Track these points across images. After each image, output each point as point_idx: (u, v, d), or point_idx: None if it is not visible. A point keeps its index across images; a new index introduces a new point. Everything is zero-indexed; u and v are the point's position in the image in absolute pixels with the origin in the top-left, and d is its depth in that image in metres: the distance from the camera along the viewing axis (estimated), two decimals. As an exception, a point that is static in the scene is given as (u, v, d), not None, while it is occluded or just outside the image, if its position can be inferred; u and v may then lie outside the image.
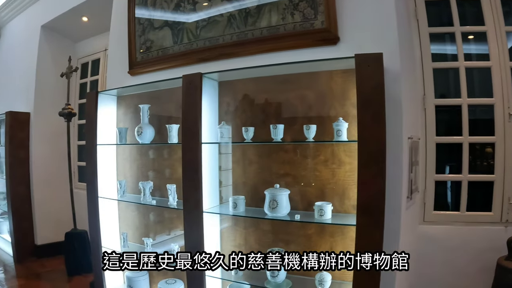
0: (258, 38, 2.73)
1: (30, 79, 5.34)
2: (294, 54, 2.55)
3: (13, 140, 5.10)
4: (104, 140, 3.28)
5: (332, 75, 2.38)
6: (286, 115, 2.56)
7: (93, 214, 3.29)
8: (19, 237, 5.12)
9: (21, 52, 5.78)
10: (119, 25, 3.74)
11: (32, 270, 4.79)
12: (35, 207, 5.23)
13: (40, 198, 5.24)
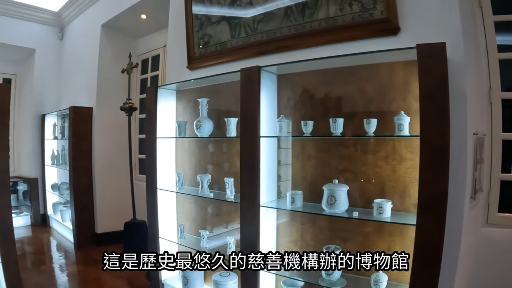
0: (316, 30, 2.74)
1: (92, 76, 5.76)
2: (353, 46, 2.53)
3: (76, 133, 5.54)
4: (163, 134, 3.47)
5: (393, 67, 2.35)
6: (345, 109, 2.56)
7: (152, 205, 3.50)
8: (80, 225, 5.55)
9: (83, 50, 6.24)
10: (177, 22, 3.92)
11: (91, 257, 5.18)
12: (96, 197, 5.65)
13: (101, 189, 5.66)
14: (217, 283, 3.03)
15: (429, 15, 2.29)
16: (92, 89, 5.73)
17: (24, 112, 7.38)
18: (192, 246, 3.27)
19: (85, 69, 6.09)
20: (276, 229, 2.87)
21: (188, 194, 3.36)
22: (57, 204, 6.57)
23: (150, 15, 5.18)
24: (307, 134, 2.53)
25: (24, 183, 7.27)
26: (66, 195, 5.98)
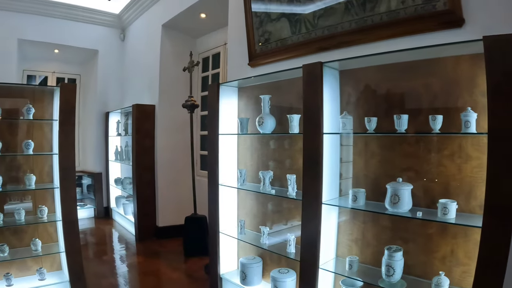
0: (377, 24, 2.72)
1: (154, 74, 6.14)
2: (415, 40, 2.50)
3: (139, 130, 5.94)
4: (225, 130, 3.64)
5: (458, 61, 2.28)
6: (409, 105, 2.52)
7: (213, 200, 3.68)
8: (142, 218, 5.94)
9: (144, 50, 6.66)
10: (236, 20, 4.09)
11: (151, 249, 5.53)
12: (158, 192, 6.03)
13: (163, 184, 6.02)
14: (275, 280, 3.09)
15: (495, 5, 2.21)
16: (154, 87, 6.11)
17: (88, 110, 7.98)
18: (252, 242, 3.38)
19: (147, 68, 6.51)
20: (337, 227, 2.89)
21: (249, 190, 3.44)
22: (120, 198, 7.09)
23: (210, 14, 5.40)
24: (371, 131, 2.52)
25: (88, 177, 7.85)
26: (129, 189, 6.42)
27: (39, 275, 3.65)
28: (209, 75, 6.14)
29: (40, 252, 3.67)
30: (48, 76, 7.98)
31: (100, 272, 4.58)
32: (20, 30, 6.67)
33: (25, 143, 3.58)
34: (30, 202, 3.86)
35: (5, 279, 3.49)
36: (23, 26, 6.67)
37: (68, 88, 3.69)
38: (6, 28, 6.52)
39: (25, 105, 3.59)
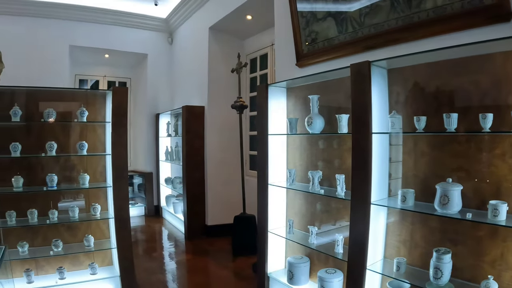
0: (424, 20, 2.71)
1: (203, 76, 6.38)
2: (463, 36, 2.46)
3: (189, 131, 6.20)
4: (275, 130, 3.75)
5: (508, 56, 2.21)
6: (458, 103, 2.48)
7: (263, 200, 3.79)
8: (191, 217, 6.20)
9: (192, 52, 6.95)
10: (282, 20, 4.18)
11: (200, 247, 5.76)
12: (208, 191, 6.26)
13: (212, 183, 6.25)
14: (322, 280, 3.12)
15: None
16: (203, 89, 6.35)
17: (139, 112, 8.39)
18: (300, 241, 3.46)
19: (195, 70, 6.78)
20: (385, 228, 2.89)
21: (299, 190, 3.52)
22: (170, 197, 7.43)
23: (256, 15, 5.54)
24: (420, 130, 2.49)
25: (139, 176, 8.25)
26: (179, 189, 6.71)
27: (91, 270, 3.90)
28: (257, 76, 6.29)
29: (93, 248, 3.92)
30: (99, 80, 8.51)
31: (149, 268, 4.82)
32: (71, 37, 7.23)
33: (79, 144, 3.85)
34: (83, 200, 4.14)
35: (58, 272, 3.76)
36: (74, 33, 7.23)
37: (120, 91, 3.93)
38: (58, 36, 7.08)
39: (78, 108, 3.86)
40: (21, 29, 6.78)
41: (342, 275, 3.14)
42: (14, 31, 6.69)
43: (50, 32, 7.03)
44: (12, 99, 3.74)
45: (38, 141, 3.83)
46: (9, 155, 3.63)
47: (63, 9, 7.01)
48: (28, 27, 6.85)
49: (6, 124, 3.72)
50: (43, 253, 3.75)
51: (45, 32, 6.99)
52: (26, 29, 6.82)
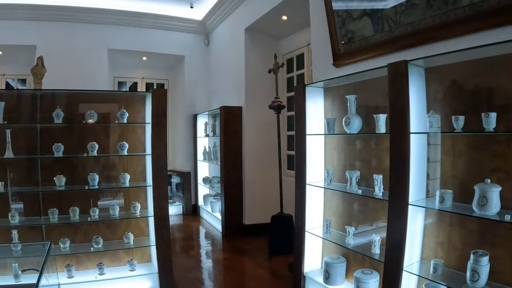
0: (461, 18, 2.66)
1: (240, 77, 6.48)
2: (501, 33, 2.39)
3: (227, 131, 6.31)
4: (312, 130, 3.77)
5: None
6: (498, 102, 2.41)
7: (300, 200, 3.81)
8: (229, 216, 6.31)
9: (229, 54, 7.06)
10: (318, 20, 4.19)
11: (237, 246, 5.83)
12: (245, 191, 6.36)
13: (250, 183, 6.34)
14: (358, 280, 3.11)
15: None
16: (241, 89, 6.45)
17: (177, 112, 8.59)
18: (337, 241, 3.46)
19: (232, 71, 6.89)
20: (422, 229, 2.86)
21: (336, 190, 3.53)
22: (207, 196, 7.57)
23: (291, 15, 5.57)
24: (458, 129, 2.46)
25: (177, 176, 8.44)
26: (216, 188, 6.83)
27: (129, 266, 4.04)
28: (293, 76, 6.31)
29: (132, 245, 4.07)
30: (137, 82, 8.79)
31: (186, 265, 4.94)
32: (110, 40, 7.57)
33: (120, 145, 4.00)
34: (122, 198, 4.28)
35: (98, 268, 3.92)
36: (112, 36, 7.57)
37: (159, 93, 4.03)
38: (97, 40, 7.43)
39: (119, 110, 4.00)
40: (62, 34, 7.17)
41: (378, 276, 3.13)
42: (55, 36, 7.10)
43: (90, 37, 7.37)
44: (55, 102, 3.93)
45: (79, 141, 4.02)
46: (52, 155, 3.82)
47: (101, 14, 7.34)
48: (68, 32, 7.23)
49: (49, 125, 3.90)
50: (84, 249, 3.93)
51: (85, 36, 7.34)
52: (66, 34, 7.21)
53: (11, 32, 6.92)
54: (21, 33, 6.97)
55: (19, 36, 6.97)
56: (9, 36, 6.92)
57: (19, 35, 6.97)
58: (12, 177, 3.91)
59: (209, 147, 7.46)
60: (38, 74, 4.11)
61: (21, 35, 6.97)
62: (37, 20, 7.06)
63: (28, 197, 3.97)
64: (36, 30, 7.02)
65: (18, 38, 6.97)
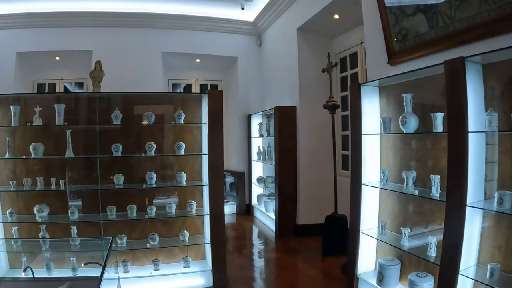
0: None
1: (293, 77, 6.53)
2: None
3: (281, 131, 6.37)
4: (368, 130, 3.75)
5: None
6: None
7: (355, 200, 3.80)
8: (282, 216, 6.36)
9: (282, 54, 7.14)
10: (371, 18, 4.18)
11: (290, 246, 5.87)
12: (299, 190, 6.38)
13: (304, 183, 6.36)
14: (412, 283, 3.07)
15: None
16: (294, 89, 6.49)
17: (231, 113, 8.77)
18: (392, 243, 3.43)
19: (285, 71, 6.95)
20: (480, 232, 2.79)
21: (392, 190, 3.50)
22: (261, 196, 7.69)
23: (343, 14, 5.55)
24: None
25: (231, 176, 8.61)
26: (270, 188, 6.91)
27: (184, 263, 4.18)
28: (347, 75, 6.27)
29: (187, 242, 4.22)
30: (191, 84, 9.08)
31: (239, 264, 5.04)
32: (164, 44, 7.93)
33: (177, 145, 4.16)
34: (177, 197, 4.43)
35: (153, 264, 4.10)
36: (166, 40, 7.92)
37: (215, 94, 4.17)
38: (152, 43, 7.82)
39: (176, 111, 4.17)
40: (117, 39, 7.64)
41: (433, 280, 3.08)
42: (110, 41, 7.58)
43: (144, 41, 7.78)
44: (113, 104, 4.17)
45: (137, 142, 4.24)
46: (111, 155, 4.05)
47: (155, 19, 7.72)
48: (123, 37, 7.68)
49: (108, 126, 4.15)
50: (140, 245, 4.12)
51: (139, 40, 7.76)
52: (121, 39, 7.66)
53: (68, 38, 7.47)
54: (78, 39, 7.51)
55: (76, 42, 7.51)
56: (67, 42, 7.49)
57: (76, 41, 7.52)
58: (71, 175, 4.21)
59: (263, 147, 7.57)
60: (97, 78, 4.37)
61: (78, 41, 7.51)
62: (93, 26, 7.57)
63: (86, 195, 4.24)
64: (92, 36, 7.53)
65: (75, 44, 7.52)
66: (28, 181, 3.96)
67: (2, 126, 4.04)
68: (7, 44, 7.38)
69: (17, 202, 4.12)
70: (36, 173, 4.10)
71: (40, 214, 3.94)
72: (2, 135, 4.04)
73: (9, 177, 4.09)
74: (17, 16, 7.26)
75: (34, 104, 3.97)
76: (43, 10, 7.21)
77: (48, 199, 4.10)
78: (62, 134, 4.02)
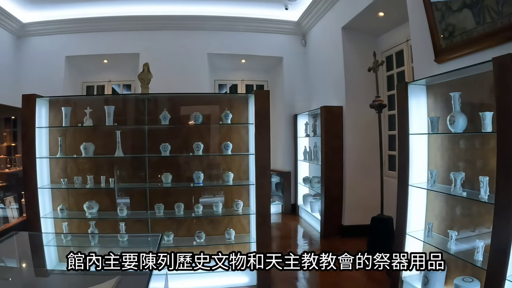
0: None
1: (339, 76, 6.49)
2: None
3: (328, 131, 6.37)
4: (415, 130, 3.68)
5: None
6: None
7: (402, 201, 3.74)
8: (328, 216, 6.36)
9: (327, 53, 7.13)
10: (416, 15, 4.10)
11: (334, 246, 5.86)
12: (345, 191, 6.36)
13: (351, 183, 6.32)
14: None
15: None
16: (340, 89, 6.45)
17: (277, 113, 8.82)
18: (438, 246, 3.35)
19: (331, 71, 6.93)
20: None
21: (440, 192, 3.43)
22: (307, 196, 7.71)
23: (388, 11, 5.47)
24: None
25: (277, 175, 8.66)
26: (316, 188, 6.91)
27: (229, 261, 4.28)
28: (393, 73, 6.16)
29: (233, 241, 4.30)
30: (237, 84, 9.21)
31: (283, 263, 5.07)
32: (209, 45, 8.14)
33: (224, 145, 4.27)
34: (222, 196, 4.52)
35: (198, 262, 4.21)
36: (211, 41, 8.13)
37: (262, 94, 4.24)
38: (197, 45, 8.05)
39: (223, 111, 4.26)
40: (164, 41, 7.93)
41: (480, 285, 3.01)
42: (157, 44, 7.89)
43: (190, 42, 8.02)
44: (161, 105, 4.33)
45: (184, 141, 4.38)
46: (159, 155, 4.22)
47: (200, 21, 7.93)
48: (169, 39, 7.97)
49: (156, 127, 4.32)
50: (187, 243, 4.25)
51: (185, 42, 8.01)
52: (168, 41, 7.95)
53: (116, 42, 7.89)
54: (125, 43, 7.90)
55: (123, 45, 7.90)
56: (114, 46, 7.90)
57: (123, 45, 7.90)
58: (119, 174, 4.42)
59: (309, 147, 7.57)
60: (145, 80, 4.56)
61: (125, 44, 7.90)
62: (140, 30, 7.92)
63: (135, 193, 4.44)
64: (139, 39, 7.88)
65: (122, 47, 7.92)
66: (79, 179, 4.22)
67: (54, 127, 4.31)
68: (57, 49, 7.90)
69: (68, 199, 4.39)
70: (86, 171, 4.35)
71: (90, 210, 4.19)
72: (54, 135, 4.31)
73: (60, 175, 4.37)
74: (66, 21, 7.77)
75: (83, 106, 4.22)
76: (90, 16, 7.66)
77: (98, 196, 4.34)
78: (111, 134, 4.24)
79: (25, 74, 7.73)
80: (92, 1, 7.23)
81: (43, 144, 4.27)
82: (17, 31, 7.71)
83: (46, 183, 4.28)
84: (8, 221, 6.11)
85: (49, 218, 4.24)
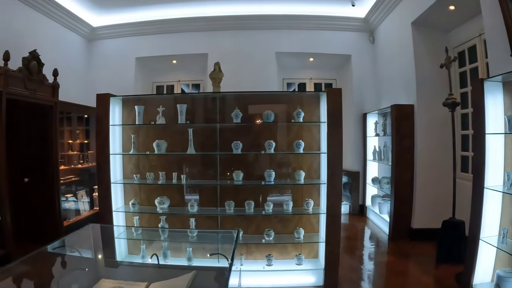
0: None
1: (410, 74, 6.27)
2: None
3: (399, 130, 6.16)
4: (492, 129, 3.51)
5: None
6: None
7: (477, 205, 3.58)
8: (397, 218, 6.15)
9: (396, 50, 6.91)
10: (489, 8, 3.92)
11: (402, 250, 5.68)
12: (416, 192, 6.12)
13: (422, 185, 6.08)
14: None
15: None
16: (411, 86, 6.23)
17: (345, 112, 8.47)
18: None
19: (400, 68, 6.71)
20: None
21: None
22: (375, 197, 7.54)
23: (458, 5, 5.22)
24: None
25: (345, 175, 8.52)
26: (385, 189, 6.75)
27: (297, 260, 4.28)
28: (466, 70, 5.83)
29: (302, 240, 4.31)
30: (305, 83, 9.19)
31: (349, 265, 5.01)
32: (277, 44, 8.21)
33: (296, 143, 4.27)
34: (290, 195, 4.54)
35: (267, 259, 4.26)
36: (279, 40, 8.19)
37: (334, 92, 4.18)
38: (265, 44, 8.15)
39: (295, 110, 4.26)
40: (232, 41, 8.12)
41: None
42: (225, 43, 8.10)
43: (258, 41, 8.15)
44: (232, 103, 4.42)
45: (255, 140, 4.45)
46: (231, 152, 4.32)
47: (268, 20, 8.02)
48: (237, 39, 8.13)
49: (228, 125, 4.43)
50: (255, 240, 4.33)
51: (253, 41, 8.15)
52: (236, 41, 8.12)
53: (184, 43, 8.22)
54: (193, 43, 8.20)
55: (192, 46, 8.21)
56: (183, 46, 8.24)
57: (192, 45, 8.21)
58: (190, 171, 4.60)
59: (379, 146, 7.38)
60: (216, 79, 4.69)
61: (193, 45, 8.20)
62: (208, 30, 8.17)
63: (205, 189, 4.59)
64: (207, 40, 8.15)
65: (191, 48, 8.23)
66: (151, 175, 4.44)
67: (128, 125, 4.56)
68: (127, 51, 8.40)
69: (139, 194, 4.64)
70: (158, 168, 4.56)
71: (161, 206, 4.39)
72: (127, 133, 4.58)
73: (133, 171, 4.62)
74: (134, 24, 8.22)
75: (154, 105, 4.43)
76: (158, 18, 8.03)
77: (169, 192, 4.54)
78: (183, 132, 4.40)
79: (97, 75, 8.30)
80: (159, 4, 7.61)
81: (117, 141, 4.54)
82: (88, 35, 8.30)
83: (119, 179, 4.56)
84: (79, 214, 6.62)
85: (121, 212, 4.51)
